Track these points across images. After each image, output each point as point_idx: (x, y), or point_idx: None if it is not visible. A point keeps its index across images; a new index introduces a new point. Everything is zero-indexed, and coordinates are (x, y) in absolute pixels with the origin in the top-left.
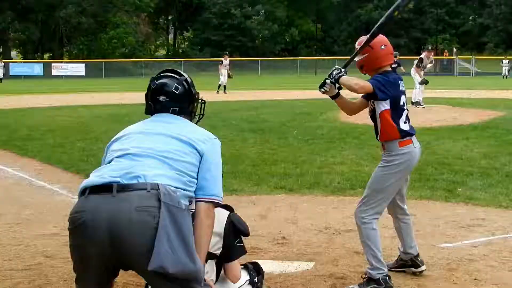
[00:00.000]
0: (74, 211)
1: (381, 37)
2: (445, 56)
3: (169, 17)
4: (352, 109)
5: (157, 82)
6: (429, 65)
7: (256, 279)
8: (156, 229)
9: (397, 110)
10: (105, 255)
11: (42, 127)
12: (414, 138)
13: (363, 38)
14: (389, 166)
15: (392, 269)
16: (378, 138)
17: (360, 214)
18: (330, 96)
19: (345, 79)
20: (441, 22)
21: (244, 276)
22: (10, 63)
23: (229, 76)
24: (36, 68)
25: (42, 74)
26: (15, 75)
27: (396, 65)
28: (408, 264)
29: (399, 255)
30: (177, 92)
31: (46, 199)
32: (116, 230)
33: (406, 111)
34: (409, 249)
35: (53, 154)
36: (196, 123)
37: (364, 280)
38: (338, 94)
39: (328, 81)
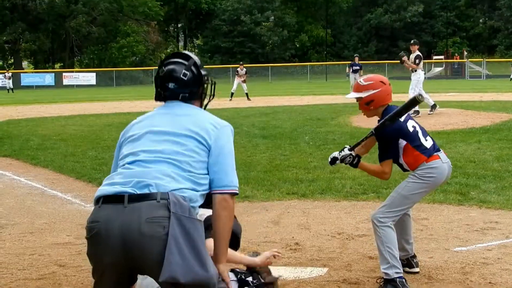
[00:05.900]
0: (89, 220)
1: (382, 76)
2: (456, 59)
3: (179, 25)
4: (366, 151)
5: (165, 69)
6: (411, 61)
7: (249, 279)
8: (166, 240)
9: (412, 137)
10: (119, 264)
11: (54, 136)
12: (441, 154)
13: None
14: (421, 177)
15: None
16: (407, 168)
17: (379, 215)
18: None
19: (367, 167)
20: (451, 25)
21: (232, 276)
22: (21, 73)
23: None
24: (48, 78)
25: (53, 84)
26: (26, 85)
27: (358, 67)
28: (403, 263)
29: None
30: (185, 78)
31: (59, 208)
32: (128, 240)
33: (419, 131)
34: (406, 245)
35: (65, 163)
36: (206, 104)
37: (381, 284)
38: (358, 162)
39: (343, 164)
